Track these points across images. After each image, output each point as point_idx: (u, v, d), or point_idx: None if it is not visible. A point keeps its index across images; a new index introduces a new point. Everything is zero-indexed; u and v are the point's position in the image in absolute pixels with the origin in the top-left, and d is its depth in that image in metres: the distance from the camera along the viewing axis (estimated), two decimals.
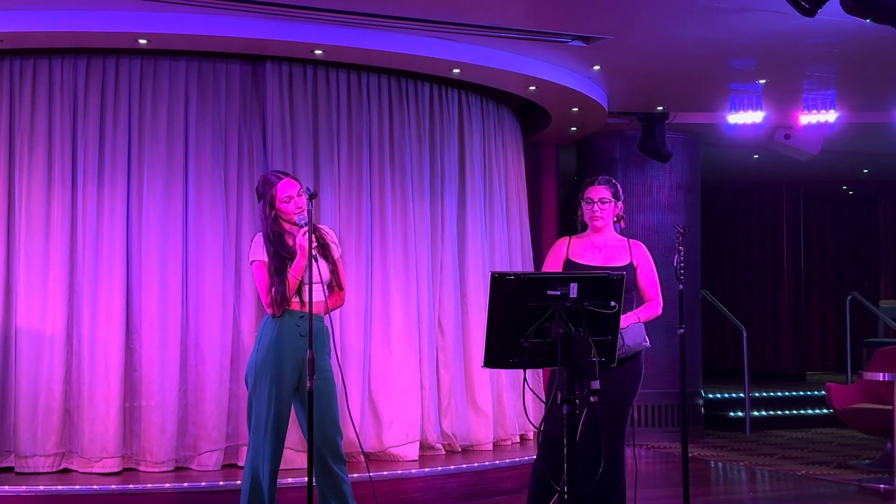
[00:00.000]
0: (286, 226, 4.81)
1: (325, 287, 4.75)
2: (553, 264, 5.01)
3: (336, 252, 4.92)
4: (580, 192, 5.08)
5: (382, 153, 7.57)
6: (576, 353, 3.83)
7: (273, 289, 4.69)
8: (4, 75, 6.91)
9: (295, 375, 4.75)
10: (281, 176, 4.84)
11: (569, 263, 4.95)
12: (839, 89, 8.77)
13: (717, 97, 9.02)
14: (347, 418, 5.38)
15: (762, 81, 8.47)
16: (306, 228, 4.56)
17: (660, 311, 4.99)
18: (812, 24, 6.06)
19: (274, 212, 4.78)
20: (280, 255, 4.72)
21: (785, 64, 7.91)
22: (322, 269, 4.72)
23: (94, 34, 6.62)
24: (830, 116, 9.15)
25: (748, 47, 7.43)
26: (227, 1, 6.30)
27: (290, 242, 4.77)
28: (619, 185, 5.07)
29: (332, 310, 4.91)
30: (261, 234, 4.82)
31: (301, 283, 4.69)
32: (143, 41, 6.75)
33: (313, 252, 4.56)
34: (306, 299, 4.67)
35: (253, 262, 4.81)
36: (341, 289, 4.90)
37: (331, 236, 4.95)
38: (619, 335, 4.73)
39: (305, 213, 4.64)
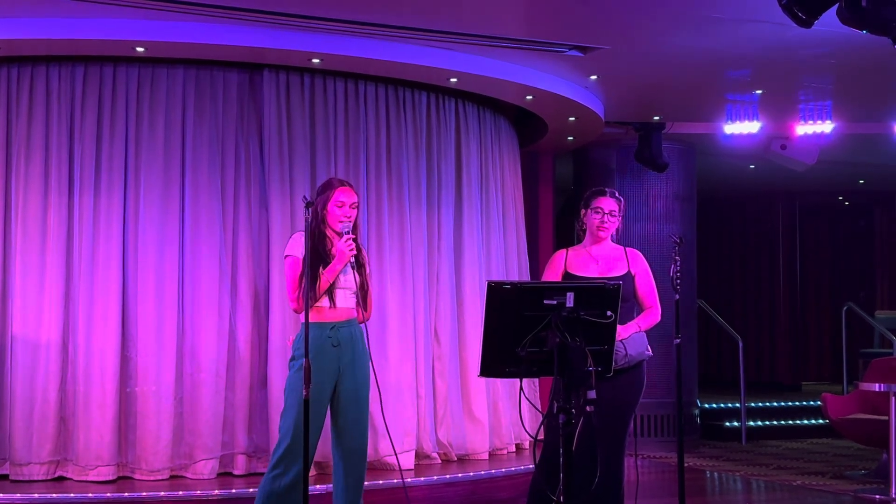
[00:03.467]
0: (328, 231, 4.87)
1: (356, 296, 4.83)
2: (552, 277, 5.01)
3: (366, 270, 4.97)
4: (585, 200, 5.09)
5: (379, 162, 7.58)
6: (572, 363, 3.83)
7: (301, 283, 4.73)
8: (1, 83, 6.91)
9: (330, 386, 4.78)
10: (344, 182, 4.95)
11: (567, 276, 4.97)
12: (835, 100, 8.80)
13: (713, 107, 9.03)
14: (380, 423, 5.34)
15: (758, 92, 8.48)
16: (348, 235, 4.70)
17: (659, 319, 5.01)
18: (808, 35, 6.07)
19: (324, 212, 4.83)
20: (317, 251, 4.76)
21: (781, 74, 7.92)
22: (355, 278, 4.81)
23: (91, 42, 6.62)
24: (826, 127, 9.17)
25: (744, 58, 7.45)
26: (225, 10, 6.31)
27: (328, 246, 4.83)
28: (623, 202, 5.11)
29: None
30: (299, 232, 4.86)
31: (332, 287, 4.74)
32: (140, 49, 6.75)
33: (350, 259, 4.70)
34: (339, 305, 4.77)
35: (287, 256, 4.84)
36: (365, 308, 4.92)
37: (364, 256, 5.00)
38: (622, 345, 4.76)
39: (350, 223, 4.78)
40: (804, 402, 11.77)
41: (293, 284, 4.79)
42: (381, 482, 6.62)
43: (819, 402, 8.99)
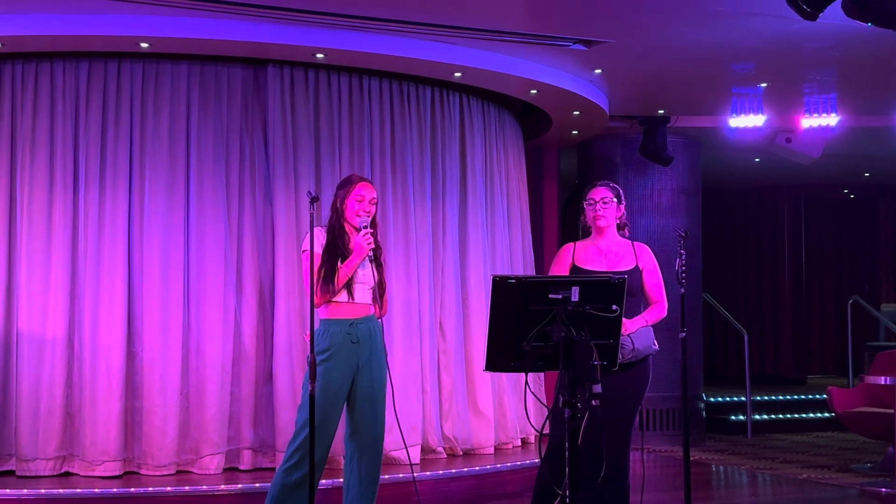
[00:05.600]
0: (346, 226, 4.86)
1: (373, 291, 4.84)
2: (559, 270, 5.00)
3: (384, 267, 4.99)
4: (582, 197, 5.10)
5: (384, 157, 7.58)
6: (577, 357, 3.83)
7: (319, 277, 4.71)
8: (6, 79, 6.92)
9: (348, 382, 4.78)
10: (364, 178, 4.95)
11: (575, 269, 4.96)
12: (840, 93, 8.78)
13: (718, 101, 9.02)
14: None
15: (763, 85, 8.47)
16: (366, 230, 4.71)
17: (665, 313, 5.00)
18: (813, 28, 6.07)
19: (343, 206, 4.83)
20: (336, 245, 4.77)
21: (786, 67, 7.91)
22: (374, 273, 4.81)
23: (95, 38, 6.63)
24: (831, 120, 9.16)
25: (749, 51, 7.43)
26: (229, 5, 6.31)
27: (347, 240, 4.83)
28: (620, 189, 5.09)
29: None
30: (316, 228, 4.85)
31: (350, 282, 4.73)
32: (144, 45, 6.76)
33: (368, 254, 4.70)
34: (357, 300, 4.76)
35: (305, 251, 4.81)
36: (381, 305, 4.91)
37: (381, 252, 5.01)
38: (629, 339, 4.75)
39: (368, 218, 4.77)
40: (809, 396, 11.76)
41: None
42: (386, 477, 6.60)
43: (824, 396, 8.98)
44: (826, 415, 10.91)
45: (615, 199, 5.02)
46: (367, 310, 4.82)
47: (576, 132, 9.55)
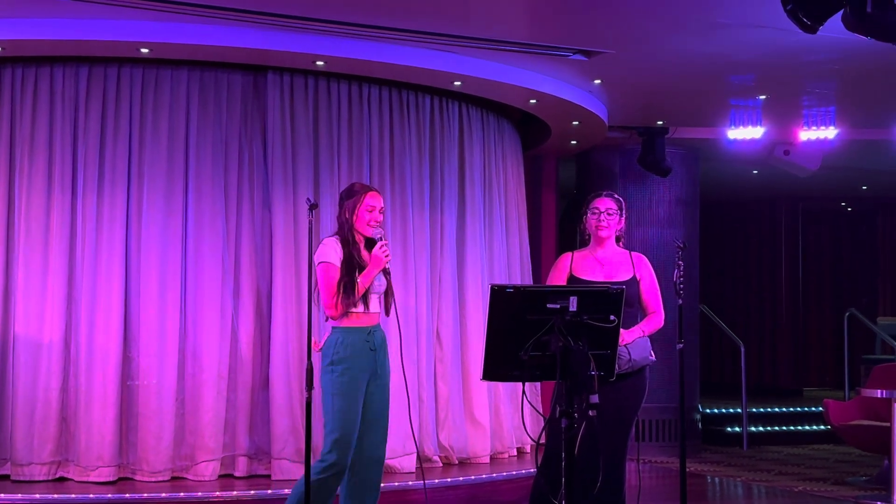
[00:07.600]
0: (357, 236, 4.86)
1: (380, 298, 4.87)
2: (557, 280, 5.01)
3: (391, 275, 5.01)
4: (585, 205, 5.11)
5: (383, 164, 7.58)
6: (575, 367, 3.82)
7: (339, 290, 4.72)
8: (6, 83, 6.92)
9: (364, 388, 4.80)
10: (370, 187, 4.96)
11: (572, 279, 4.97)
12: (839, 106, 8.79)
13: (716, 112, 9.03)
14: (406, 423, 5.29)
15: (762, 97, 8.48)
16: (382, 241, 4.74)
17: (662, 324, 5.01)
18: (812, 41, 6.07)
19: (353, 217, 4.83)
20: (353, 256, 4.77)
21: (785, 80, 7.92)
22: (383, 282, 4.84)
23: (95, 43, 6.63)
24: (830, 133, 9.17)
25: (748, 63, 7.44)
26: (230, 11, 6.31)
27: (359, 251, 4.83)
28: (623, 202, 5.12)
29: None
30: (329, 238, 4.85)
31: (367, 292, 4.76)
32: (144, 50, 6.76)
33: (385, 265, 4.74)
34: (371, 310, 4.80)
35: (321, 263, 4.80)
36: (388, 312, 4.92)
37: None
38: (626, 350, 4.75)
39: (381, 229, 4.79)
40: (806, 408, 11.76)
41: (331, 290, 4.72)
42: (382, 485, 6.60)
43: (821, 408, 8.98)
44: (822, 427, 10.90)
45: (619, 212, 5.05)
46: (379, 318, 4.87)
47: (575, 142, 9.55)
